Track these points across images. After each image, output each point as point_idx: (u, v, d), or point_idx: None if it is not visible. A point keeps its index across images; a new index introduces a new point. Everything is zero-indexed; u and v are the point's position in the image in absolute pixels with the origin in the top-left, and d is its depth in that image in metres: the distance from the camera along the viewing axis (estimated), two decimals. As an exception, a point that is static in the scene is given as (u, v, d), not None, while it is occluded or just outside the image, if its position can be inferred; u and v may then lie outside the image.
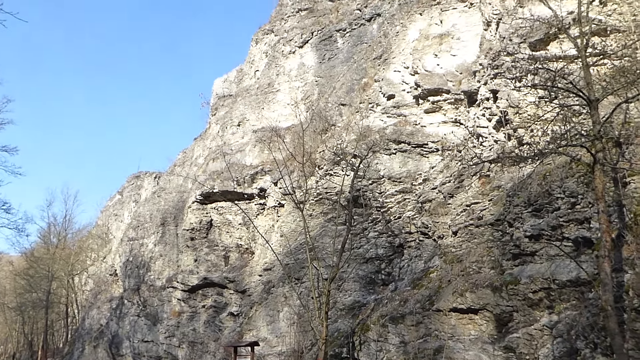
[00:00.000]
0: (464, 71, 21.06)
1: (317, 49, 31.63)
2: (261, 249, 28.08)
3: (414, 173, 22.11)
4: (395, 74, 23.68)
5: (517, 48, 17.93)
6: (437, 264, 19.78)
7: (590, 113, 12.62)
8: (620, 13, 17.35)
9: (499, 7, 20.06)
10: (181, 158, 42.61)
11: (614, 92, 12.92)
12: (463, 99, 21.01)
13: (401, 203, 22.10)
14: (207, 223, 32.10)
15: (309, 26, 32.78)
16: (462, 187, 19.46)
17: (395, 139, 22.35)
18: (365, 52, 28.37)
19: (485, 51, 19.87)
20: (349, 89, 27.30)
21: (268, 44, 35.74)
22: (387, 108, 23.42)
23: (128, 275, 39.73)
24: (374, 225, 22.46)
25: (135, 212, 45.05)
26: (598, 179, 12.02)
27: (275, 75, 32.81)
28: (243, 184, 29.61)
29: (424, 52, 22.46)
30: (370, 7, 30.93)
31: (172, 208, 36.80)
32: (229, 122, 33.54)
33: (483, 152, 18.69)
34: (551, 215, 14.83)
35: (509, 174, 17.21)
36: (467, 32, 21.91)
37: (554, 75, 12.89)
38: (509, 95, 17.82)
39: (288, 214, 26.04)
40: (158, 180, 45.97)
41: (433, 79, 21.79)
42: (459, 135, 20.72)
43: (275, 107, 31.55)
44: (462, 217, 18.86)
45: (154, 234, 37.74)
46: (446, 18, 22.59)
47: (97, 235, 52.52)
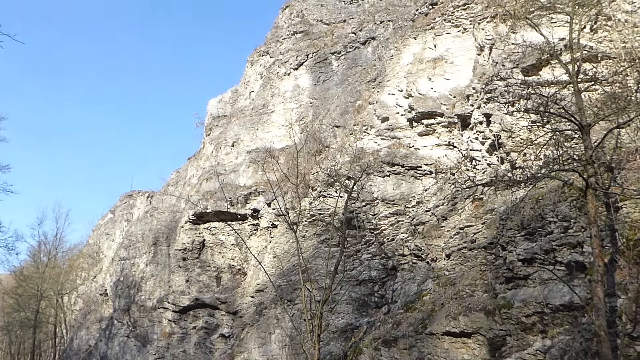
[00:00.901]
0: (458, 95, 21.27)
1: (312, 71, 31.90)
2: (254, 270, 27.91)
3: (407, 195, 22.16)
4: (389, 97, 23.88)
5: (510, 73, 18.19)
6: (431, 287, 19.71)
7: (582, 138, 12.75)
8: (611, 40, 17.67)
9: (491, 33, 20.38)
10: (174, 178, 42.54)
11: (605, 117, 13.08)
12: (456, 123, 21.18)
13: (394, 225, 22.10)
14: (200, 243, 31.93)
15: (304, 48, 33.11)
16: (455, 210, 19.51)
17: (389, 161, 22.44)
18: (360, 74, 28.64)
19: (479, 75, 20.11)
20: (344, 111, 27.48)
21: (263, 66, 36.02)
22: (381, 130, 23.56)
23: (118, 295, 39.29)
24: (367, 247, 22.42)
25: (127, 231, 44.76)
26: (590, 204, 12.10)
27: (270, 96, 33.01)
28: (236, 204, 29.55)
29: (418, 75, 22.69)
30: (364, 30, 31.32)
31: (164, 228, 36.60)
32: (223, 142, 33.59)
33: (476, 176, 18.80)
34: (544, 239, 14.87)
35: (502, 197, 17.28)
36: (461, 57, 22.18)
37: (546, 100, 13.05)
38: (502, 119, 17.99)
39: (281, 235, 25.96)
40: (151, 199, 45.80)
41: (427, 102, 21.98)
42: (453, 158, 20.85)
43: (270, 128, 31.67)
44: (456, 240, 18.87)
45: (146, 254, 37.44)
46: (440, 42, 22.88)
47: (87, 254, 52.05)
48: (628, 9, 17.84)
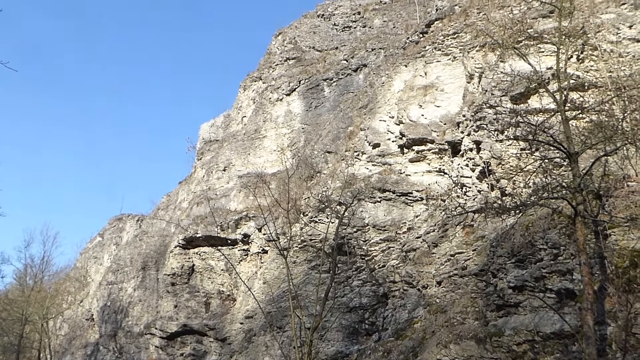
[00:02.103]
0: (448, 122, 21.49)
1: (304, 97, 32.16)
2: (243, 296, 27.63)
3: (398, 221, 22.18)
4: (380, 123, 24.09)
5: (499, 101, 18.44)
6: (421, 314, 19.60)
7: (571, 166, 12.89)
8: (597, 70, 18.02)
9: (481, 62, 20.72)
10: (165, 202, 42.35)
11: (593, 146, 13.25)
12: (447, 149, 21.36)
13: (385, 251, 22.06)
14: (189, 268, 31.63)
15: (297, 75, 33.44)
16: (446, 237, 19.54)
17: (380, 187, 22.50)
18: (352, 101, 28.91)
19: (469, 103, 20.37)
20: (335, 137, 27.64)
21: (256, 91, 36.27)
22: (373, 156, 23.69)
23: (105, 320, 38.68)
24: (358, 274, 22.32)
25: (116, 255, 44.30)
26: (579, 231, 12.17)
27: (262, 121, 33.17)
28: (227, 229, 29.40)
29: (408, 102, 22.94)
30: (356, 57, 31.74)
31: (153, 252, 36.26)
32: (215, 166, 33.58)
33: (467, 202, 18.89)
34: (534, 266, 14.89)
35: (493, 224, 17.34)
36: (451, 84, 22.49)
37: (534, 128, 13.23)
38: (492, 146, 18.17)
39: (271, 260, 25.80)
40: (140, 223, 45.46)
41: (418, 129, 22.18)
42: (443, 185, 20.96)
43: (262, 153, 31.74)
44: (446, 267, 18.85)
45: (134, 279, 37.01)
46: (430, 70, 23.21)
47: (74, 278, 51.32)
48: (613, 40, 18.25)
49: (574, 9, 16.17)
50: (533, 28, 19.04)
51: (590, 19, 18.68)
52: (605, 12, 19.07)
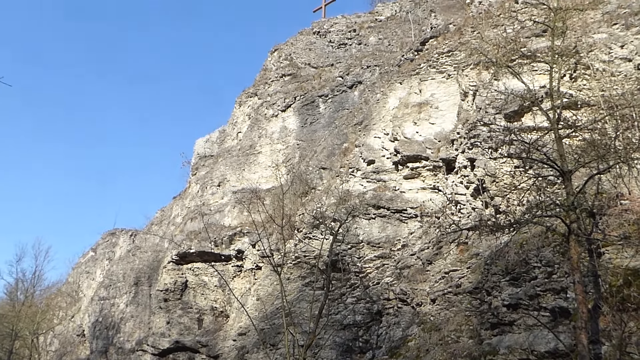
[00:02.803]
0: (442, 139, 21.59)
1: (300, 113, 32.27)
2: (236, 312, 27.42)
3: (392, 238, 22.14)
4: (375, 140, 24.16)
5: (493, 119, 18.54)
6: (416, 332, 19.47)
7: (564, 184, 12.95)
8: (590, 88, 18.18)
9: (475, 80, 20.88)
10: (159, 216, 42.16)
11: (586, 164, 13.33)
12: (441, 166, 21.42)
13: (380, 269, 21.99)
14: (182, 284, 31.39)
15: (292, 91, 33.58)
16: (440, 254, 19.50)
17: (375, 204, 22.49)
18: (347, 117, 29.02)
19: (463, 121, 20.48)
20: (330, 153, 27.68)
21: (251, 107, 36.37)
22: (367, 173, 23.72)
23: (96, 336, 38.24)
24: (352, 291, 22.21)
25: (108, 270, 43.95)
26: (573, 250, 12.19)
27: (258, 137, 33.21)
28: (220, 244, 29.26)
29: (403, 119, 23.04)
30: (352, 74, 31.93)
31: (146, 267, 36.00)
32: (209, 182, 33.52)
33: (461, 220, 18.89)
34: (528, 284, 14.87)
35: (487, 241, 17.33)
36: (445, 102, 22.64)
37: (528, 146, 13.31)
38: (486, 164, 18.23)
39: (265, 277, 25.66)
40: (134, 238, 45.20)
41: (412, 146, 22.25)
42: (438, 202, 20.97)
43: (256, 169, 31.73)
44: (441, 285, 18.78)
45: (126, 294, 36.69)
46: (425, 88, 23.37)
47: (66, 293, 50.81)
48: (605, 59, 18.45)
49: (567, 29, 16.38)
50: (526, 47, 19.24)
51: (583, 39, 18.90)
52: (597, 32, 19.31)
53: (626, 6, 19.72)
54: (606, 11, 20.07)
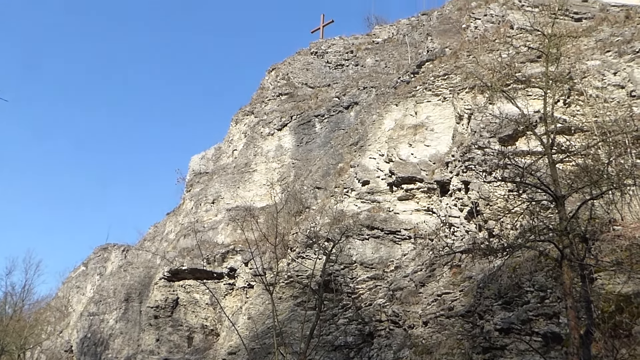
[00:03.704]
0: (437, 161, 21.68)
1: (296, 132, 32.39)
2: (227, 331, 27.16)
3: (386, 260, 22.08)
4: (370, 161, 24.24)
5: (487, 142, 18.67)
6: (407, 354, 19.30)
7: (557, 209, 12.99)
8: (583, 114, 18.37)
9: (470, 103, 21.06)
10: (152, 232, 41.96)
11: (579, 189, 13.39)
12: (436, 189, 21.47)
13: (372, 290, 21.88)
14: (173, 301, 31.13)
15: (289, 110, 33.75)
16: (433, 277, 19.44)
17: (369, 225, 22.47)
18: (342, 138, 29.14)
19: (458, 143, 20.60)
20: (325, 173, 27.73)
21: (247, 125, 36.50)
22: (362, 194, 23.75)
23: (84, 352, 37.72)
24: (344, 312, 22.06)
25: (99, 285, 43.55)
26: (566, 275, 12.18)
27: (253, 155, 33.27)
28: (213, 262, 29.11)
29: (398, 141, 23.16)
30: (348, 95, 32.16)
31: (137, 284, 35.70)
32: (204, 199, 33.46)
33: (455, 242, 18.88)
34: (521, 308, 14.83)
35: (480, 265, 17.31)
36: (441, 125, 22.80)
37: (522, 171, 13.37)
38: (480, 187, 18.29)
39: (257, 296, 25.48)
40: (126, 253, 44.91)
41: (407, 168, 22.33)
42: (431, 224, 20.98)
43: (251, 187, 31.72)
44: (433, 307, 18.68)
45: (116, 310, 36.32)
46: (421, 110, 23.54)
47: (55, 308, 50.20)
48: (598, 85, 18.70)
49: (561, 55, 16.58)
50: (521, 72, 19.47)
51: (577, 65, 19.17)
52: (590, 59, 19.60)
53: (619, 34, 20.06)
54: (599, 39, 20.40)
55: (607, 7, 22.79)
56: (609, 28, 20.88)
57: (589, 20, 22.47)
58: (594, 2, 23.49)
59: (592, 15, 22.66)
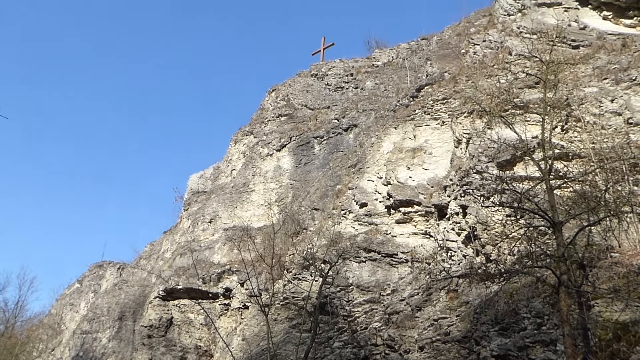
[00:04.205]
0: (435, 185, 21.71)
1: (295, 153, 32.48)
2: (221, 352, 26.86)
3: (382, 283, 21.95)
4: (368, 183, 24.26)
5: (486, 167, 18.72)
6: (403, 379, 19.09)
7: (555, 235, 12.97)
8: (581, 140, 18.46)
9: (468, 128, 21.17)
10: (148, 251, 41.78)
11: (577, 216, 13.39)
12: (433, 212, 21.45)
13: (368, 313, 21.70)
14: (167, 321, 30.85)
15: (288, 131, 33.89)
16: (430, 301, 19.31)
17: (366, 247, 22.40)
18: (341, 160, 29.21)
19: (456, 167, 20.65)
20: (323, 195, 27.73)
21: (247, 145, 36.61)
22: (359, 216, 23.71)
23: (76, 372, 37.24)
24: (339, 335, 21.84)
25: (93, 303, 43.16)
26: (563, 301, 12.11)
27: (252, 175, 33.30)
28: (209, 282, 28.92)
29: (397, 164, 23.21)
30: (347, 117, 32.33)
31: (132, 302, 35.41)
32: (201, 218, 33.39)
33: (452, 267, 18.81)
34: (517, 335, 14.70)
35: (477, 290, 17.21)
36: (439, 148, 22.88)
37: (519, 196, 13.38)
38: (478, 212, 18.28)
39: (252, 317, 25.26)
40: (121, 271, 44.62)
41: (405, 191, 22.34)
42: (429, 248, 20.91)
43: (249, 207, 31.68)
44: (429, 332, 18.51)
45: (110, 329, 35.95)
46: (419, 133, 23.65)
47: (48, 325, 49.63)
48: (596, 112, 18.83)
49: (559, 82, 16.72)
50: (519, 98, 19.61)
51: (574, 92, 19.33)
52: (588, 86, 19.77)
53: (616, 62, 20.28)
54: (597, 66, 20.62)
55: (604, 35, 23.05)
56: (606, 56, 21.12)
57: (586, 47, 22.71)
58: (591, 30, 23.76)
59: (589, 43, 22.91)
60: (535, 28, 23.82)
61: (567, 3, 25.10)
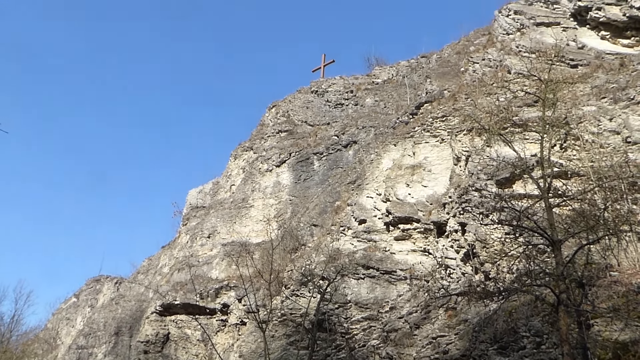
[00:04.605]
0: (434, 202, 21.70)
1: (294, 169, 32.51)
2: (217, 369, 26.61)
3: (381, 300, 21.82)
4: (367, 200, 24.25)
5: (485, 185, 18.75)
6: (401, 398, 18.91)
7: (554, 253, 12.95)
8: (579, 159, 18.52)
9: (468, 145, 21.24)
10: (146, 265, 41.57)
11: (576, 234, 13.39)
12: (432, 229, 21.42)
13: (367, 330, 21.55)
14: (164, 336, 30.60)
15: (288, 147, 33.96)
16: (428, 319, 19.20)
17: (365, 264, 22.31)
18: (340, 176, 29.23)
19: (455, 185, 20.67)
20: (322, 211, 27.69)
21: (246, 160, 36.66)
22: (358, 232, 23.66)
23: (71, 387, 36.86)
24: (337, 352, 21.66)
25: (90, 318, 42.85)
26: (562, 320, 12.06)
27: (251, 191, 33.28)
28: (206, 297, 28.75)
29: (396, 181, 23.23)
30: (347, 134, 32.43)
31: (129, 317, 35.16)
32: (199, 233, 33.30)
33: (450, 284, 18.73)
34: (517, 354, 14.61)
35: (476, 308, 17.13)
36: (438, 166, 22.92)
37: (518, 214, 13.39)
38: (477, 229, 18.26)
39: (250, 333, 25.06)
40: (119, 286, 44.37)
41: (404, 208, 22.33)
42: (427, 265, 20.84)
43: (248, 223, 31.62)
44: (428, 350, 18.38)
45: (106, 344, 35.65)
46: (419, 151, 23.70)
47: (44, 340, 49.22)
48: (594, 131, 18.92)
49: (557, 100, 16.83)
50: (518, 116, 19.71)
51: (573, 110, 19.43)
52: (586, 105, 19.89)
53: (614, 81, 20.42)
54: (595, 85, 20.76)
55: (602, 55, 23.24)
56: (605, 75, 21.27)
57: (584, 67, 22.88)
58: (590, 49, 23.97)
59: (587, 62, 23.09)
60: (534, 47, 24.01)
61: (565, 23, 25.35)
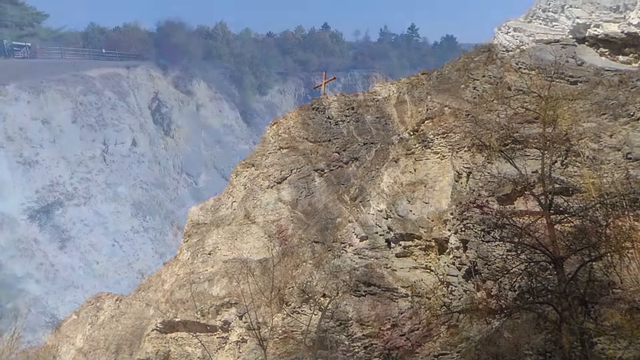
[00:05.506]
0: (436, 219, 21.65)
1: (295, 186, 32.49)
2: (218, 387, 26.38)
3: (382, 317, 21.68)
4: (369, 217, 24.23)
5: (486, 201, 18.74)
6: (403, 418, 18.70)
7: (556, 270, 12.92)
8: (580, 175, 18.52)
9: (469, 162, 21.27)
10: (146, 283, 41.40)
11: (578, 251, 13.35)
12: (434, 246, 21.36)
13: (368, 348, 21.38)
14: (164, 354, 30.35)
15: (289, 164, 33.97)
16: (430, 336, 19.08)
17: (366, 281, 22.22)
18: (341, 192, 29.21)
19: (456, 202, 20.66)
20: (323, 227, 27.63)
21: (248, 177, 36.64)
22: (360, 249, 23.60)
23: (70, 407, 36.49)
24: (338, 371, 21.49)
25: (90, 335, 42.49)
26: (565, 338, 12.00)
27: (252, 207, 33.23)
28: (207, 314, 28.57)
29: (397, 197, 23.23)
30: (348, 151, 32.48)
31: (129, 335, 34.87)
32: (201, 250, 33.18)
33: (452, 302, 18.63)
34: (520, 372, 14.47)
35: (478, 325, 17.02)
36: (440, 182, 22.91)
37: (520, 231, 13.38)
38: (478, 246, 18.22)
39: (250, 351, 24.88)
40: (119, 303, 44.11)
41: (405, 225, 22.28)
42: (429, 282, 20.74)
43: (249, 239, 31.50)
44: (430, 369, 18.25)
45: (106, 363, 35.35)
46: (420, 167, 23.73)
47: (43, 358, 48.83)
48: (595, 147, 18.96)
49: (557, 117, 16.90)
50: (519, 132, 19.77)
51: (573, 127, 19.46)
52: (586, 121, 19.94)
53: (614, 98, 20.51)
54: (595, 101, 20.84)
55: (601, 72, 23.35)
56: (604, 92, 21.35)
57: (584, 83, 22.97)
58: (589, 66, 24.09)
59: (587, 79, 23.19)
60: (534, 64, 24.15)
61: (564, 40, 25.54)
